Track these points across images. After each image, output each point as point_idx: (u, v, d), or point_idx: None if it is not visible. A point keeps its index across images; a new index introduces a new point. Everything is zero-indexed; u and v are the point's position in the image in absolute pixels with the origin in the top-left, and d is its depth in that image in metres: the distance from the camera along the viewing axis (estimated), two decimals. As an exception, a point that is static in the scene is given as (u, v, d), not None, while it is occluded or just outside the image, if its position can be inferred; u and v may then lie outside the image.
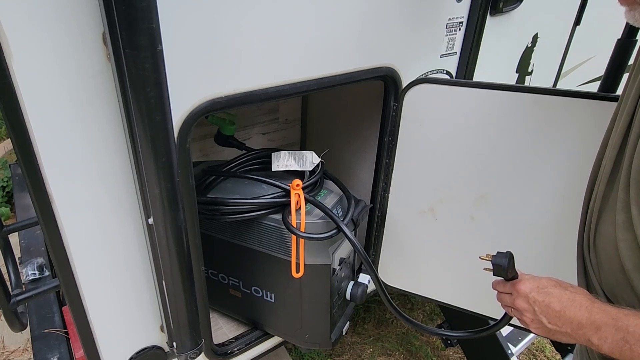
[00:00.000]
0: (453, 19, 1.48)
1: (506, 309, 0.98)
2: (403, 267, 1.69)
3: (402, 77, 1.45)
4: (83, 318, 1.12)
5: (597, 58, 2.28)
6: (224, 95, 1.08)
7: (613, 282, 0.83)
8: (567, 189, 1.26)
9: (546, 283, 0.86)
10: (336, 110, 2.11)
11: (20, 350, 2.35)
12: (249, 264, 1.53)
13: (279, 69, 1.16)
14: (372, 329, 2.61)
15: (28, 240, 2.02)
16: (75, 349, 1.52)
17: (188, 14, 0.95)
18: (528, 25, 1.80)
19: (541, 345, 2.52)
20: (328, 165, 1.63)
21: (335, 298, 1.54)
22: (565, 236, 1.24)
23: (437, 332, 2.01)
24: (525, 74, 1.95)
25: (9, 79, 0.80)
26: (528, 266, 1.00)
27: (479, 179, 1.40)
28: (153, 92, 0.85)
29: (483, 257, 0.97)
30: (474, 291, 1.51)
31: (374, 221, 1.70)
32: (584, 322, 0.77)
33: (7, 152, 4.09)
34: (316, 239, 1.35)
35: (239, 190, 1.46)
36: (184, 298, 1.14)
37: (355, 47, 1.29)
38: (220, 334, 1.71)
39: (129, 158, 1.00)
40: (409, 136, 1.49)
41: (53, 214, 0.96)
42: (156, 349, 1.31)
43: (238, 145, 1.74)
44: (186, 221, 1.07)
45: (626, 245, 0.78)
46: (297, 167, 1.53)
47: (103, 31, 0.85)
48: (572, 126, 1.21)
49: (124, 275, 1.15)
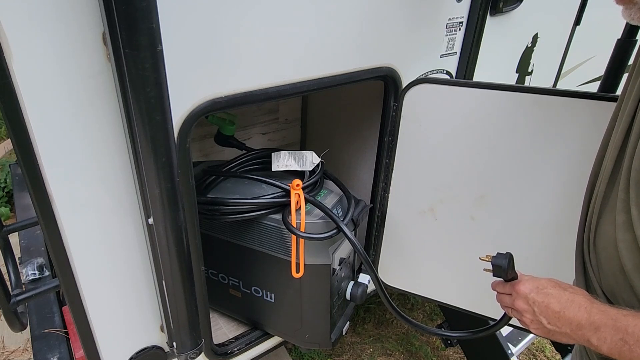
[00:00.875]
0: (453, 19, 1.48)
1: (506, 310, 0.98)
2: (403, 267, 1.69)
3: (402, 77, 1.45)
4: (83, 318, 1.12)
5: (597, 58, 2.28)
6: (224, 95, 1.08)
7: (612, 283, 0.83)
8: (567, 189, 1.26)
9: (545, 284, 0.86)
10: (336, 110, 2.11)
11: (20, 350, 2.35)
12: (249, 264, 1.53)
13: (279, 69, 1.16)
14: (372, 329, 2.61)
15: (28, 240, 2.02)
16: (75, 349, 1.52)
17: (188, 14, 0.95)
18: (528, 25, 1.80)
19: (541, 345, 2.52)
20: (328, 165, 1.63)
21: (335, 298, 1.54)
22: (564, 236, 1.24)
23: (437, 332, 2.01)
24: (525, 74, 1.95)
25: (9, 79, 0.80)
26: (528, 266, 1.00)
27: (479, 179, 1.40)
28: (153, 92, 0.85)
29: (483, 258, 0.97)
30: (474, 291, 1.51)
31: (374, 221, 1.70)
32: (583, 323, 0.77)
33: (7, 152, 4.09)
34: (316, 239, 1.35)
35: (239, 190, 1.46)
36: (184, 298, 1.14)
37: (355, 47, 1.29)
38: (220, 334, 1.71)
39: (129, 158, 1.00)
40: (409, 136, 1.49)
41: (53, 214, 0.96)
42: (156, 349, 1.31)
43: (238, 145, 1.74)
44: (186, 221, 1.07)
45: (626, 246, 0.78)
46: (297, 167, 1.53)
47: (103, 31, 0.85)
48: (572, 126, 1.21)
49: (124, 275, 1.15)
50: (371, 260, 1.64)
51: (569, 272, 0.98)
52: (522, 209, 1.36)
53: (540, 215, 1.34)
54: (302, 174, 1.52)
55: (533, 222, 1.36)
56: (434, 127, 1.42)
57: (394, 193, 1.60)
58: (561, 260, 1.13)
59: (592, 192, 0.92)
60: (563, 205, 1.28)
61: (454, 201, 1.47)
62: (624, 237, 0.78)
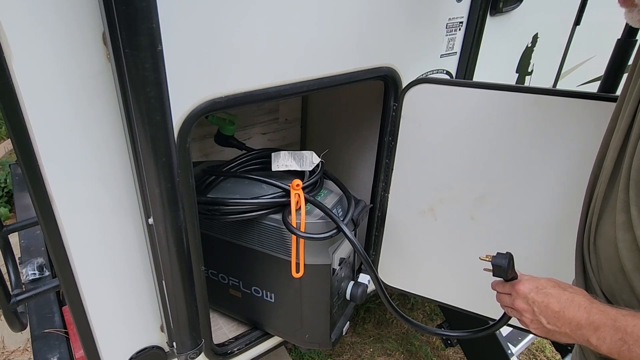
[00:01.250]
0: (453, 19, 1.48)
1: (505, 310, 0.98)
2: (403, 267, 1.69)
3: (402, 77, 1.45)
4: (83, 318, 1.12)
5: (597, 58, 2.28)
6: (224, 95, 1.08)
7: (612, 283, 0.83)
8: (567, 189, 1.26)
9: (545, 284, 0.86)
10: (336, 110, 2.11)
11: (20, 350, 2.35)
12: (249, 264, 1.53)
13: (279, 69, 1.16)
14: (372, 329, 2.61)
15: (28, 240, 2.02)
16: (75, 349, 1.52)
17: (188, 14, 0.95)
18: (528, 25, 1.80)
19: (541, 345, 2.52)
20: (328, 165, 1.63)
21: (335, 298, 1.54)
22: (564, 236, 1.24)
23: (437, 332, 2.02)
24: (525, 74, 1.95)
25: (9, 79, 0.80)
26: (527, 266, 1.00)
27: (479, 179, 1.40)
28: (153, 92, 0.85)
29: (483, 258, 0.97)
30: (474, 291, 1.51)
31: (374, 221, 1.70)
32: (583, 323, 0.77)
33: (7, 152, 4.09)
34: (316, 239, 1.35)
35: (239, 190, 1.46)
36: (184, 298, 1.14)
37: (355, 47, 1.29)
38: (220, 334, 1.71)
39: (129, 158, 1.00)
40: (408, 136, 1.49)
41: (53, 214, 0.96)
42: (156, 349, 1.31)
43: (238, 145, 1.74)
44: (186, 221, 1.07)
45: (626, 246, 0.78)
46: (297, 167, 1.53)
47: (103, 31, 0.85)
48: (572, 126, 1.21)
49: (124, 275, 1.15)
50: (371, 260, 1.64)
51: (568, 272, 0.98)
52: (522, 209, 1.36)
53: (540, 215, 1.34)
54: (302, 174, 1.52)
55: (533, 222, 1.36)
56: (434, 127, 1.42)
57: (394, 193, 1.60)
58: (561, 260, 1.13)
59: (592, 192, 0.92)
60: (563, 205, 1.28)
61: (454, 201, 1.47)
62: (624, 237, 0.78)
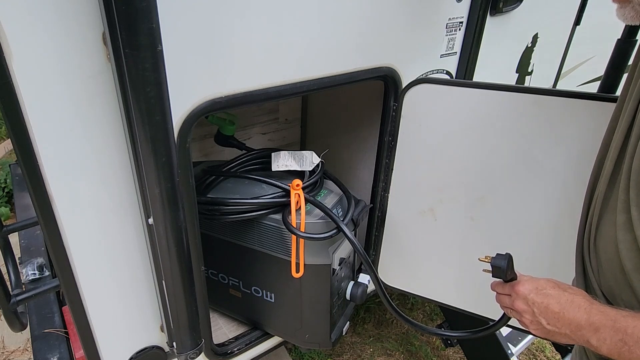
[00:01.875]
0: (453, 19, 1.48)
1: (505, 310, 0.98)
2: (403, 267, 1.69)
3: (402, 77, 1.45)
4: (83, 318, 1.12)
5: (597, 58, 2.28)
6: (224, 95, 1.08)
7: (612, 284, 0.83)
8: (567, 189, 1.26)
9: (545, 284, 0.86)
10: (336, 110, 2.11)
11: (20, 350, 2.35)
12: (249, 264, 1.53)
13: (279, 69, 1.16)
14: (372, 329, 2.61)
15: (28, 240, 2.02)
16: (75, 349, 1.52)
17: (188, 14, 0.95)
18: (528, 25, 1.80)
19: (541, 346, 2.53)
20: (328, 165, 1.63)
21: (335, 298, 1.54)
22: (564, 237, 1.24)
23: (437, 332, 2.02)
24: (525, 74, 1.95)
25: (9, 79, 0.80)
26: (527, 267, 1.00)
27: (478, 179, 1.40)
28: (153, 92, 0.85)
29: (482, 259, 0.97)
30: (474, 292, 1.51)
31: (374, 221, 1.70)
32: (583, 324, 0.77)
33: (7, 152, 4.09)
34: (316, 239, 1.35)
35: (239, 190, 1.46)
36: (184, 298, 1.14)
37: (355, 47, 1.29)
38: (220, 334, 1.71)
39: (129, 158, 1.00)
40: (408, 136, 1.49)
41: (53, 214, 0.96)
42: (156, 349, 1.31)
43: (238, 145, 1.74)
44: (186, 221, 1.07)
45: (626, 246, 0.78)
46: (297, 167, 1.53)
47: (103, 31, 0.85)
48: (572, 127, 1.21)
49: (124, 275, 1.15)
50: (371, 260, 1.64)
51: (568, 272, 0.98)
52: (522, 209, 1.36)
53: (540, 215, 1.34)
54: (302, 174, 1.52)
55: (533, 222, 1.36)
56: (434, 127, 1.42)
57: (394, 193, 1.60)
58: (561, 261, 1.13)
59: (593, 192, 0.92)
60: (563, 205, 1.28)
61: (454, 201, 1.47)
62: (625, 237, 0.78)
